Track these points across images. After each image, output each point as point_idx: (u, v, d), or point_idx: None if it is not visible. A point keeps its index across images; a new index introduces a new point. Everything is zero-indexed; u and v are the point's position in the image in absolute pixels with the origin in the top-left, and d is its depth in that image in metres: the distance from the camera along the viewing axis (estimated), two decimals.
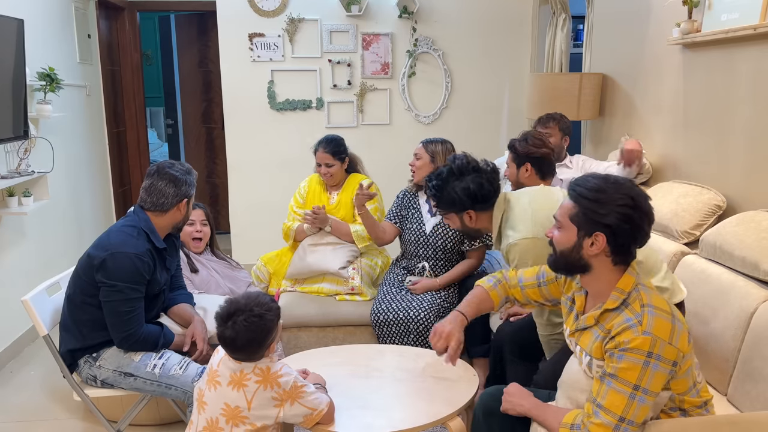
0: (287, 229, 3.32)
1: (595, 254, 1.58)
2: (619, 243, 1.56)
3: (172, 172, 2.31)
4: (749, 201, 2.55)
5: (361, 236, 3.20)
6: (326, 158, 3.23)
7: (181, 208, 2.33)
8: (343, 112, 4.78)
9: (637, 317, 1.52)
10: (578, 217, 1.58)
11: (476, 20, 4.71)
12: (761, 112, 2.48)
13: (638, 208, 1.55)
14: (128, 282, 2.16)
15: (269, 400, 1.74)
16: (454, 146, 3.06)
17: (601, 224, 1.55)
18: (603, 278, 1.61)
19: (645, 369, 1.48)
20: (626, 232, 1.54)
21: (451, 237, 3.02)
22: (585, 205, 1.57)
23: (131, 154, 5.71)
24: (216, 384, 1.76)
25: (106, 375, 2.25)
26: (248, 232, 4.83)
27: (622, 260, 1.59)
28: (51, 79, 3.69)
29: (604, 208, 1.54)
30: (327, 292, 3.19)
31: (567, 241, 1.62)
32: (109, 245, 2.19)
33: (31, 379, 3.31)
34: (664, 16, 3.19)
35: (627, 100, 3.68)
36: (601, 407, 1.51)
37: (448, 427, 1.97)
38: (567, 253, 1.63)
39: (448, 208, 2.27)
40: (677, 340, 1.50)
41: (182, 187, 2.31)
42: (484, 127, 4.86)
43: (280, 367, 1.77)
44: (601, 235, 1.55)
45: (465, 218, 2.26)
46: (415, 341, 2.89)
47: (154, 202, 2.29)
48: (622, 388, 1.49)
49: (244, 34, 4.60)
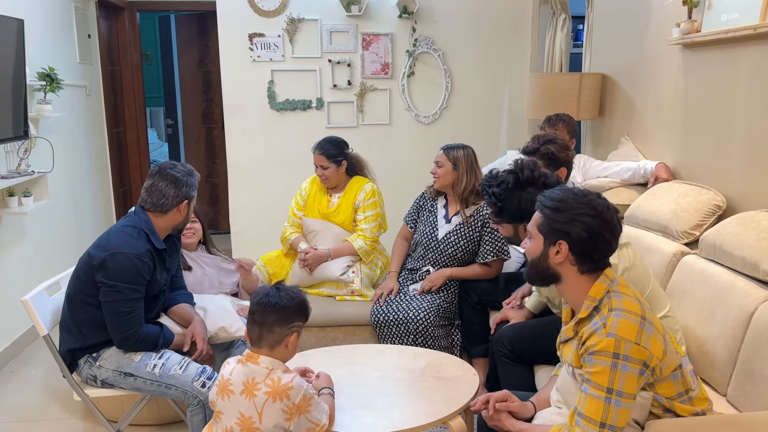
0: (284, 238, 3.32)
1: (560, 262, 1.62)
2: (581, 251, 1.60)
3: (173, 173, 2.31)
4: (749, 201, 2.55)
5: (366, 251, 3.19)
6: (321, 160, 3.20)
7: (181, 210, 2.33)
8: (343, 112, 4.78)
9: (602, 320, 1.55)
10: (543, 226, 1.64)
11: (476, 20, 4.71)
12: (761, 112, 2.48)
13: (598, 217, 1.59)
14: (128, 282, 2.16)
15: (279, 412, 1.71)
16: (474, 151, 3.04)
17: (562, 232, 1.60)
18: (574, 288, 1.65)
19: (614, 371, 1.49)
20: (585, 241, 1.58)
21: (462, 247, 3.00)
22: (547, 214, 1.63)
23: (131, 154, 5.71)
24: (229, 393, 1.74)
25: (106, 375, 2.25)
26: (248, 232, 4.83)
27: (589, 269, 1.62)
28: (51, 79, 3.69)
29: (564, 217, 1.60)
30: (327, 294, 3.19)
31: (535, 250, 1.67)
32: (109, 245, 2.19)
33: (31, 379, 3.31)
34: (664, 16, 3.19)
35: (627, 100, 3.68)
36: (582, 416, 1.53)
37: (449, 427, 1.97)
38: (536, 262, 1.67)
39: (508, 218, 2.19)
40: (646, 340, 1.51)
41: (183, 189, 2.31)
42: (484, 127, 4.86)
43: (291, 378, 1.74)
44: (563, 243, 1.60)
45: (521, 229, 2.18)
46: (415, 341, 2.89)
47: (155, 202, 2.29)
48: (597, 393, 1.50)
49: (244, 34, 4.60)
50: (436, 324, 2.89)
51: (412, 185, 4.49)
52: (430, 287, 2.97)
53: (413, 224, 3.19)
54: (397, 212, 3.72)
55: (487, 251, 2.97)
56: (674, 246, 2.51)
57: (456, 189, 2.98)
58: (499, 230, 2.30)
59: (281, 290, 1.80)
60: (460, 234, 2.99)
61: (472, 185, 2.97)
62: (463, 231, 2.99)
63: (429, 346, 2.86)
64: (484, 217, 2.97)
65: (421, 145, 4.83)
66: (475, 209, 3.00)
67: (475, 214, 2.99)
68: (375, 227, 3.22)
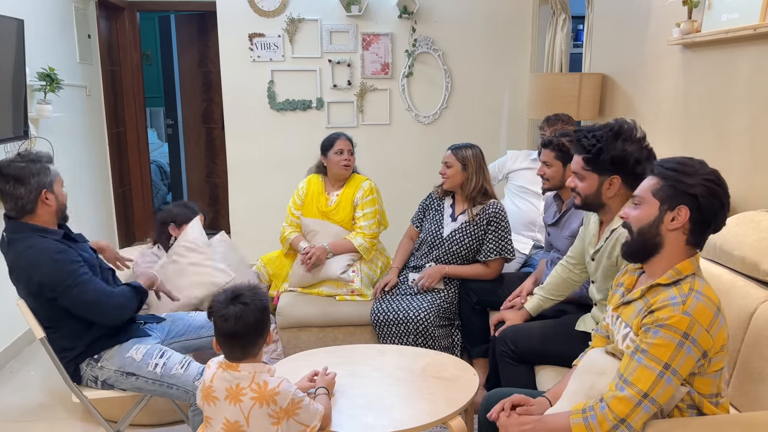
0: (283, 238, 3.32)
1: (674, 229, 1.57)
2: (702, 218, 1.56)
3: (9, 171, 2.11)
4: (749, 201, 2.55)
5: (367, 248, 3.20)
6: (348, 145, 3.23)
7: (47, 201, 2.17)
8: (343, 112, 4.78)
9: (682, 297, 1.52)
10: (662, 190, 1.58)
11: (476, 20, 4.71)
12: (761, 112, 2.48)
13: (722, 185, 1.56)
14: (68, 274, 2.10)
15: (266, 417, 1.68)
16: (481, 150, 3.04)
17: (687, 194, 1.55)
18: (668, 258, 1.60)
19: (679, 349, 1.48)
20: (711, 205, 1.54)
21: (467, 245, 3.01)
22: (671, 176, 1.58)
23: (131, 154, 5.71)
24: (213, 399, 1.72)
25: (108, 375, 2.24)
26: (248, 232, 4.83)
27: (695, 241, 1.59)
28: (51, 79, 3.69)
29: (692, 179, 1.55)
30: (327, 294, 3.20)
31: (647, 217, 1.61)
32: (30, 269, 2.10)
33: (30, 379, 3.31)
34: (664, 16, 3.19)
35: (627, 100, 3.69)
36: (627, 382, 1.50)
37: (449, 427, 1.97)
38: (645, 230, 1.61)
39: (600, 166, 2.07)
40: (715, 331, 1.51)
41: (31, 180, 2.12)
42: (484, 127, 4.86)
43: (278, 383, 1.69)
44: (684, 208, 1.55)
45: (606, 184, 2.10)
46: (415, 341, 2.89)
47: (15, 207, 2.14)
48: (653, 365, 1.49)
49: (244, 34, 4.60)
50: (436, 324, 2.89)
51: (412, 185, 4.51)
52: (427, 283, 2.98)
53: (419, 224, 3.21)
54: (397, 212, 3.73)
55: (489, 249, 2.97)
56: None
57: (465, 189, 2.99)
58: (576, 188, 2.16)
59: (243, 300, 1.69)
60: (465, 232, 3.00)
61: (481, 184, 2.97)
62: (468, 229, 2.99)
63: (429, 346, 2.86)
64: (490, 216, 2.97)
65: (421, 145, 4.83)
66: (481, 208, 3.00)
67: (481, 212, 2.99)
68: (374, 224, 3.23)
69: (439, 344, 2.90)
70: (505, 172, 3.75)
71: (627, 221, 1.67)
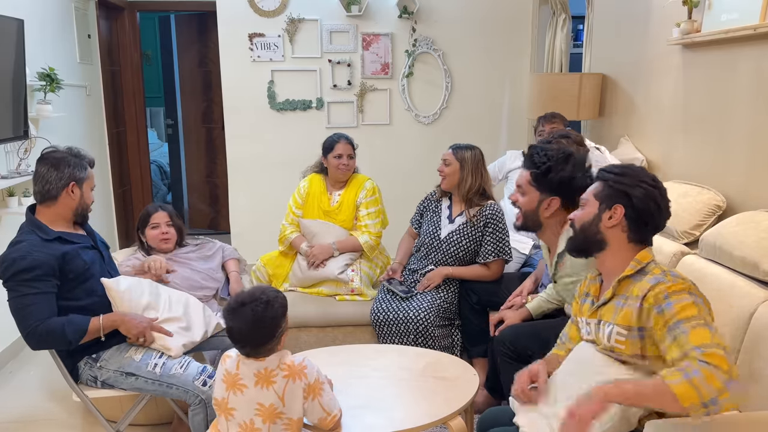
0: (284, 236, 3.31)
1: (612, 227, 1.70)
2: (637, 217, 1.68)
3: (53, 155, 2.18)
4: (749, 201, 2.55)
5: (372, 246, 3.21)
6: (348, 149, 3.22)
7: (72, 193, 2.20)
8: (343, 112, 4.78)
9: (662, 275, 1.62)
10: (602, 191, 1.74)
11: (476, 20, 4.71)
12: (761, 112, 2.48)
13: (658, 187, 1.70)
14: (12, 273, 2.08)
15: (300, 391, 1.73)
16: (482, 152, 3.03)
17: (623, 194, 1.69)
18: (618, 254, 1.72)
19: (698, 304, 1.54)
20: (643, 206, 1.67)
21: (464, 247, 3.00)
22: (610, 179, 1.73)
23: (131, 154, 5.71)
24: (241, 387, 1.73)
25: (107, 375, 2.25)
26: (248, 232, 4.83)
27: (638, 238, 1.71)
28: (51, 79, 3.69)
29: (628, 180, 1.70)
30: (327, 294, 3.19)
31: (587, 215, 1.75)
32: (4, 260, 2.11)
33: (30, 379, 3.31)
34: (664, 16, 3.19)
35: (627, 100, 3.69)
36: (698, 348, 1.44)
37: (449, 427, 1.97)
38: (586, 227, 1.75)
39: (545, 184, 2.18)
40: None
41: (65, 170, 2.17)
42: (484, 127, 4.86)
43: (302, 359, 1.76)
44: (619, 207, 1.69)
45: (544, 203, 2.21)
46: (415, 341, 2.89)
47: (40, 190, 2.18)
48: (697, 323, 1.50)
49: (244, 34, 4.60)
50: (436, 324, 2.89)
51: (412, 185, 4.50)
52: (428, 285, 2.97)
53: (418, 226, 3.21)
54: (396, 212, 3.72)
55: (488, 251, 2.97)
56: (674, 246, 2.51)
57: (461, 189, 2.98)
58: (518, 202, 2.27)
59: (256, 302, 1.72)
60: (462, 233, 2.99)
61: (478, 186, 2.97)
62: (465, 230, 2.99)
63: (429, 346, 2.86)
64: (487, 217, 2.97)
65: (421, 145, 4.83)
66: (478, 209, 2.99)
67: (478, 214, 2.99)
68: (378, 223, 3.24)
69: (439, 344, 2.90)
70: (504, 171, 3.74)
71: (572, 220, 1.81)
